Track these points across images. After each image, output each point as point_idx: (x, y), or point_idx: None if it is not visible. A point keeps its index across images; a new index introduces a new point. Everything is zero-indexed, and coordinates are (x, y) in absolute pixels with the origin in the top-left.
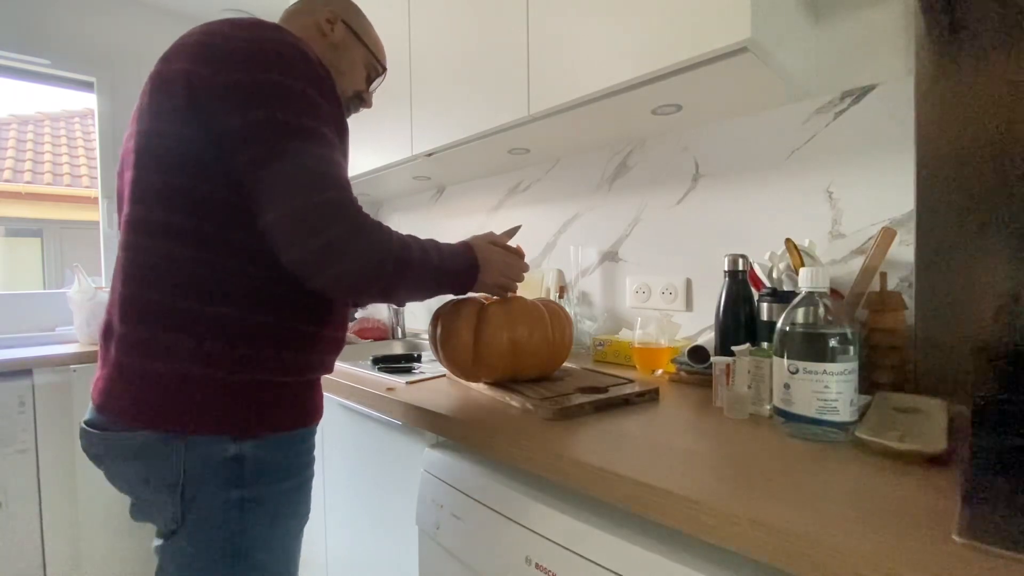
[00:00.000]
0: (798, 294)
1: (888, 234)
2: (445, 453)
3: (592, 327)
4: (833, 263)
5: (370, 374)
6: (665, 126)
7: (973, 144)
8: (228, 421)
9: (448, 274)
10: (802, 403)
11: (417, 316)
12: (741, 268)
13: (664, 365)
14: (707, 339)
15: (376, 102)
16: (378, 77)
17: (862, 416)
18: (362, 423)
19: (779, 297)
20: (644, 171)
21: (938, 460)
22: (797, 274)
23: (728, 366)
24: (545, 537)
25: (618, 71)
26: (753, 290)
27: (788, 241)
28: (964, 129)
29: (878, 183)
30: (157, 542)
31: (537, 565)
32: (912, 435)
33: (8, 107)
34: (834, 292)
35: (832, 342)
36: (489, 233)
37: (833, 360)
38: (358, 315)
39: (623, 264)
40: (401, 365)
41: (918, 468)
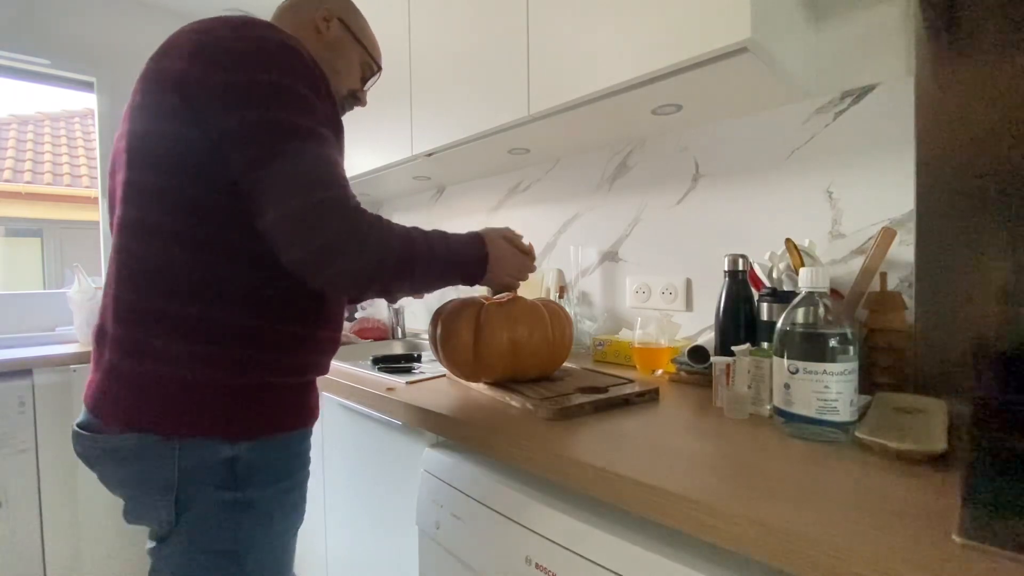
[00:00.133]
0: (798, 294)
1: (888, 234)
2: (445, 453)
3: (592, 327)
4: (833, 263)
5: (370, 374)
6: (665, 126)
7: (973, 144)
8: (224, 424)
9: (456, 265)
10: (802, 403)
11: (417, 316)
12: (741, 268)
13: (664, 365)
14: (707, 339)
15: (376, 102)
16: (373, 76)
17: (862, 416)
18: (362, 423)
19: (779, 297)
20: (644, 171)
21: (938, 460)
22: (797, 274)
23: (728, 366)
24: (545, 537)
25: (618, 71)
26: (753, 290)
27: (788, 241)
28: (964, 129)
29: (878, 183)
30: (150, 544)
31: (537, 565)
32: (912, 435)
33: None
34: (834, 292)
35: (832, 342)
36: (506, 229)
37: (833, 360)
38: (358, 315)
39: (623, 264)
40: (401, 365)
41: (918, 468)
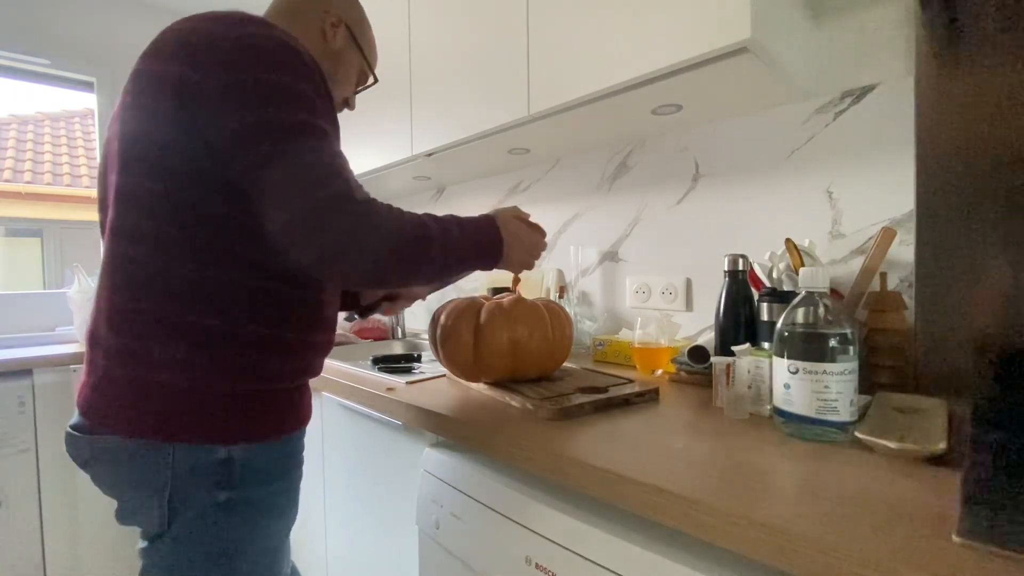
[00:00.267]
0: (798, 294)
1: (888, 234)
2: (445, 453)
3: (592, 327)
4: (833, 263)
5: (370, 374)
6: (665, 126)
7: (973, 144)
8: (220, 429)
9: (472, 250)
10: (802, 403)
11: (417, 316)
12: (741, 268)
13: (664, 365)
14: (707, 339)
15: (376, 102)
16: (367, 86)
17: (862, 416)
18: (362, 423)
19: (779, 297)
20: (644, 171)
21: (938, 460)
22: (797, 274)
23: (728, 366)
24: (545, 537)
25: (618, 71)
26: (753, 290)
27: (788, 241)
28: (964, 129)
29: (878, 183)
30: (142, 544)
31: (537, 565)
32: (912, 435)
33: (8, 107)
34: (834, 292)
35: (832, 342)
36: (514, 208)
37: (833, 360)
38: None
39: (623, 264)
40: (401, 365)
41: (918, 468)
